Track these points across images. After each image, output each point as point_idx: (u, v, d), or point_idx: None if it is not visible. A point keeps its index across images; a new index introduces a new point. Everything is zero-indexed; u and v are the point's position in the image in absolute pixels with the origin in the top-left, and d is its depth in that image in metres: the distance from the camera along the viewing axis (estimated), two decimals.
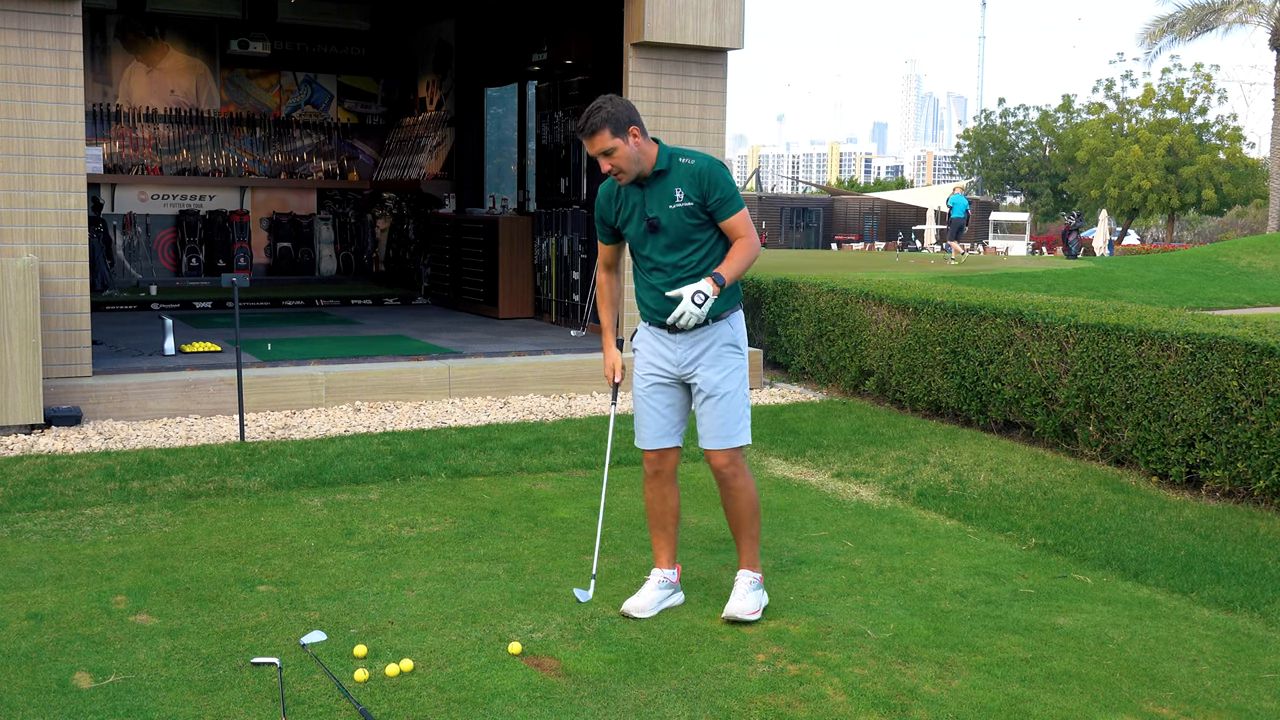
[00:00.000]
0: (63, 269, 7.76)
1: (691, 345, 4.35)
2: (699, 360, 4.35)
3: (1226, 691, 3.89)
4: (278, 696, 3.61)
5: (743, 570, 4.50)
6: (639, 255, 4.41)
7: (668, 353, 4.39)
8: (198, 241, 14.91)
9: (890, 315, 8.96)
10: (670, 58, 9.58)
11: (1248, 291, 19.38)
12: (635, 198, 4.35)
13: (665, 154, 4.30)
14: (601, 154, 4.21)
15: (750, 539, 4.50)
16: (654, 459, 4.48)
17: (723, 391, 4.35)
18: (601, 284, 4.61)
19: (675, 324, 4.19)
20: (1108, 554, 5.38)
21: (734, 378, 4.38)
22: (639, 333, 4.52)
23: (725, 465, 4.40)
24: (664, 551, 4.54)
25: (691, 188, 4.25)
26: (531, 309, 12.22)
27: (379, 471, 6.55)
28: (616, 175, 4.27)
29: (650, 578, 4.51)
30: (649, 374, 4.44)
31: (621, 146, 4.20)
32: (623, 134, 4.20)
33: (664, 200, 4.27)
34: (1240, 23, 36.94)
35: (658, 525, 4.54)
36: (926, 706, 3.69)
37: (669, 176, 4.28)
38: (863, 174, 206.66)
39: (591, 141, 4.20)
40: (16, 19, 7.55)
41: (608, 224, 4.48)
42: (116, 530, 5.40)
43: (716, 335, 4.35)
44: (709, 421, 4.37)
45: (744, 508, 4.46)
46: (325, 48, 15.67)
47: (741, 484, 4.44)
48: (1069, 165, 51.05)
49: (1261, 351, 6.18)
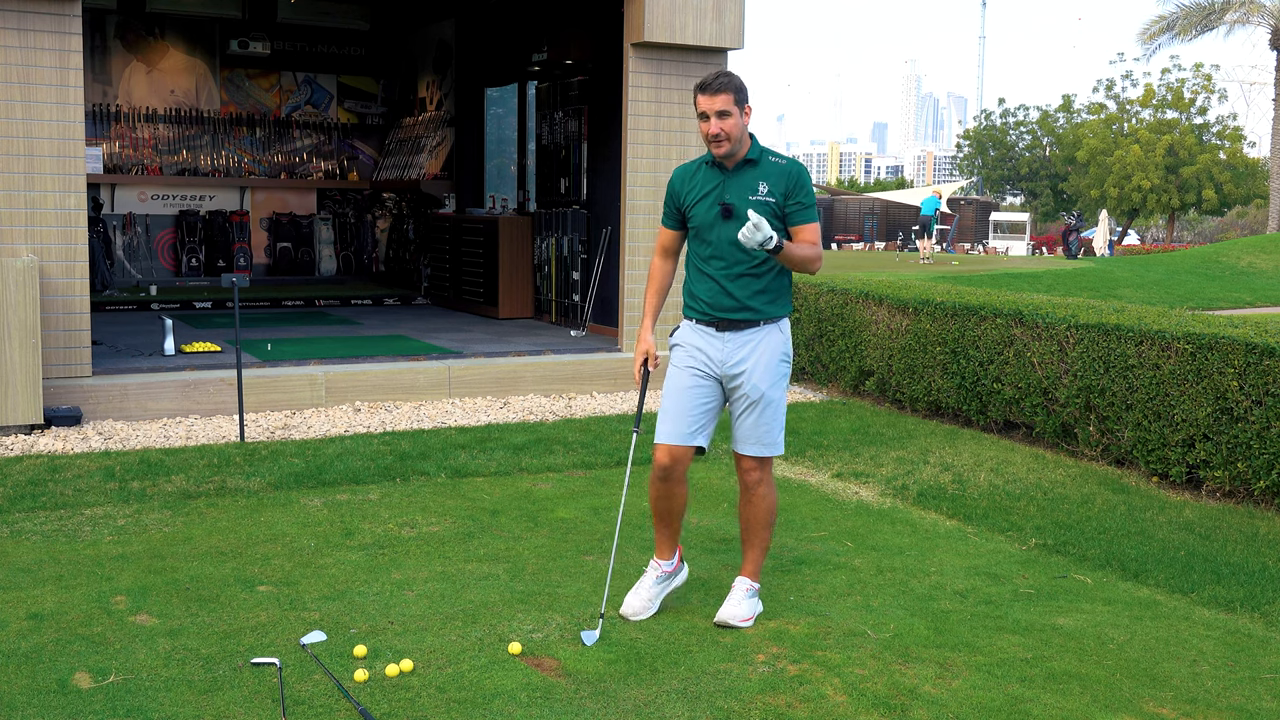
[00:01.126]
0: (63, 269, 7.76)
1: (740, 344, 4.29)
2: (747, 362, 4.28)
3: (1226, 691, 3.89)
4: (278, 696, 3.61)
5: (742, 577, 4.46)
6: (701, 242, 4.33)
7: (713, 350, 4.31)
8: (198, 242, 14.91)
9: (890, 315, 8.96)
10: (670, 58, 9.58)
11: (1248, 291, 19.38)
12: (715, 180, 4.30)
13: (759, 147, 4.31)
14: (717, 114, 4.16)
15: (760, 549, 4.46)
16: (668, 458, 4.31)
17: (771, 399, 4.30)
18: (655, 269, 4.53)
19: (743, 233, 4.01)
20: (1108, 554, 5.38)
21: (780, 386, 4.35)
22: (681, 330, 4.42)
23: (754, 470, 4.38)
24: (666, 543, 4.48)
25: (776, 185, 4.24)
26: (531, 309, 12.22)
27: (379, 471, 6.55)
28: (717, 144, 4.20)
29: (648, 571, 4.48)
30: (689, 367, 4.33)
31: (736, 115, 4.19)
32: (741, 105, 4.20)
33: (746, 190, 4.24)
34: (1240, 23, 36.95)
35: (662, 520, 4.46)
36: (926, 706, 3.69)
37: (757, 168, 4.26)
38: (863, 174, 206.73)
39: (714, 99, 4.16)
40: (16, 19, 7.55)
41: (676, 205, 4.41)
42: (116, 530, 5.40)
43: (768, 340, 4.30)
44: (751, 427, 4.32)
45: (763, 516, 4.44)
46: (325, 48, 15.67)
47: (765, 492, 4.42)
48: (1069, 165, 51.05)
49: (1261, 351, 6.18)
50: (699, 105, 4.23)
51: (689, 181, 4.38)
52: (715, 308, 4.29)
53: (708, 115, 4.20)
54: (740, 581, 4.44)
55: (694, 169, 4.40)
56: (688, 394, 4.32)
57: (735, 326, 4.29)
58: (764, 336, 4.31)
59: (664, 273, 4.53)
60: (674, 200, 4.42)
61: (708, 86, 4.19)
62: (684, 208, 4.39)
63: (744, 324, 4.29)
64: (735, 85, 4.20)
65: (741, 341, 4.29)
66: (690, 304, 4.39)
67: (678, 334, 4.43)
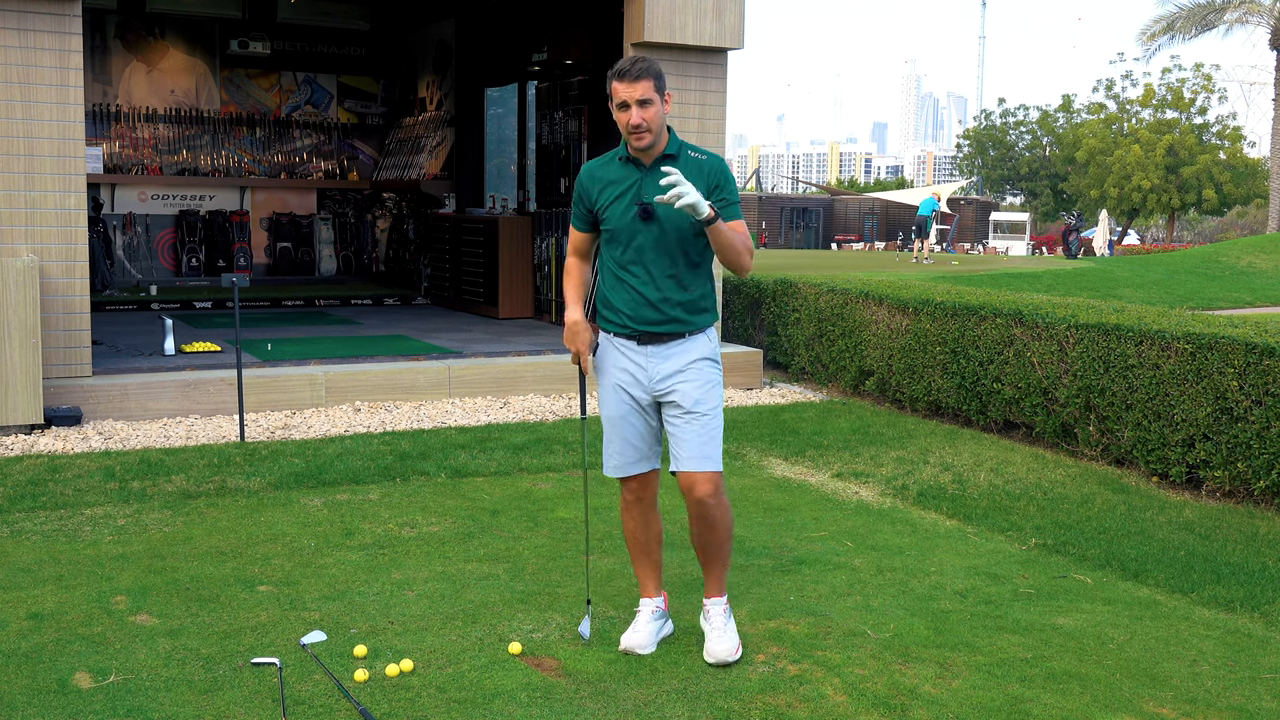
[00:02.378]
0: (63, 269, 7.76)
1: (664, 358, 3.93)
2: (675, 374, 3.93)
3: (1226, 691, 3.89)
4: (278, 696, 3.61)
5: (713, 599, 4.08)
6: (617, 245, 3.95)
7: (636, 370, 3.96)
8: (198, 241, 14.91)
9: (890, 315, 8.96)
10: (670, 58, 9.58)
11: (1248, 291, 19.38)
12: (632, 178, 3.92)
13: (677, 141, 3.96)
14: (638, 103, 3.80)
15: (724, 564, 4.10)
16: (635, 486, 4.05)
17: (704, 408, 3.91)
18: (571, 268, 4.13)
19: (668, 191, 3.68)
20: (1108, 554, 5.38)
21: (714, 394, 3.96)
22: (601, 348, 4.04)
23: (709, 494, 3.91)
24: (650, 579, 4.17)
25: (698, 181, 3.86)
26: (531, 309, 12.22)
27: (379, 471, 6.55)
28: (638, 135, 3.83)
29: (641, 610, 4.15)
30: (618, 399, 3.99)
31: (658, 103, 3.83)
32: (661, 93, 3.85)
33: (664, 188, 3.78)
34: (1240, 23, 36.97)
35: (642, 553, 4.15)
36: (926, 706, 3.69)
37: (676, 164, 3.87)
38: (863, 174, 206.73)
39: (634, 86, 3.79)
40: (16, 19, 7.55)
41: (587, 205, 4.01)
42: (116, 530, 5.40)
43: (694, 348, 3.96)
44: (689, 441, 3.90)
45: (723, 537, 4.03)
46: (325, 48, 15.67)
47: (721, 514, 3.98)
48: (1069, 165, 51.05)
49: (1261, 351, 6.18)
50: (617, 94, 3.83)
51: (600, 181, 3.98)
52: (636, 320, 3.93)
53: (628, 104, 3.81)
54: (714, 605, 4.07)
55: (604, 164, 4.01)
56: (623, 424, 4.00)
57: (658, 340, 3.93)
58: (690, 346, 3.96)
59: (581, 269, 4.15)
60: (584, 200, 4.02)
61: (626, 73, 3.81)
62: (596, 209, 3.99)
63: (668, 336, 3.93)
64: (655, 71, 3.84)
65: (666, 355, 3.93)
66: (607, 315, 4.01)
67: (599, 354, 4.05)
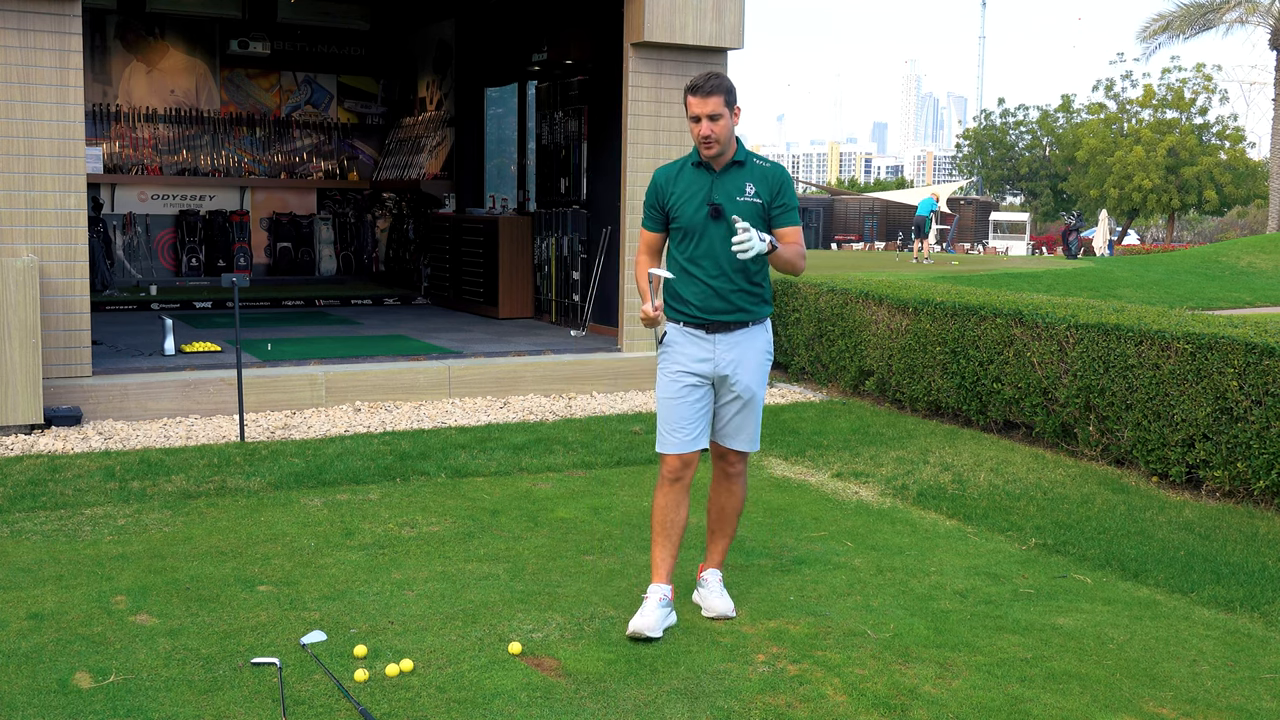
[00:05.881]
0: (63, 269, 7.76)
1: (731, 345, 4.32)
2: (739, 361, 4.33)
3: (1226, 691, 3.89)
4: (278, 696, 3.61)
5: (712, 569, 4.57)
6: (688, 242, 4.31)
7: (703, 353, 4.32)
8: (198, 241, 14.91)
9: (890, 315, 8.96)
10: (670, 58, 9.58)
11: (1248, 291, 19.38)
12: (702, 182, 4.31)
13: (744, 150, 4.34)
14: (708, 117, 4.19)
15: (729, 539, 4.61)
16: (679, 464, 4.34)
17: (759, 397, 4.42)
18: (641, 264, 4.45)
19: (738, 244, 4.06)
20: (1108, 554, 5.38)
21: (764, 383, 4.46)
22: (670, 334, 4.39)
23: (739, 463, 4.51)
24: (664, 565, 4.37)
25: (763, 187, 4.28)
26: (531, 309, 12.22)
27: (379, 471, 6.55)
28: (708, 146, 4.22)
29: (650, 595, 4.30)
30: (681, 372, 4.33)
31: (727, 117, 4.21)
32: (731, 107, 4.23)
33: (733, 191, 4.27)
34: (1240, 22, 36.96)
35: (665, 535, 4.37)
36: (926, 706, 3.69)
37: (744, 170, 4.30)
38: (863, 174, 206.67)
39: (706, 101, 4.17)
40: (16, 19, 7.55)
41: (661, 206, 4.38)
42: (116, 530, 5.40)
43: (757, 340, 4.38)
44: (740, 424, 4.42)
45: (738, 505, 4.57)
46: (325, 48, 15.67)
47: (742, 484, 4.56)
48: (1069, 165, 51.05)
49: (1261, 351, 6.18)
50: (690, 108, 4.23)
51: (674, 182, 4.36)
52: (705, 310, 4.31)
53: (699, 118, 4.21)
54: (712, 574, 4.55)
55: (678, 169, 4.39)
56: (684, 404, 4.34)
57: (726, 328, 4.32)
58: (753, 337, 4.37)
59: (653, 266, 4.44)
60: (659, 201, 4.40)
61: (699, 89, 4.20)
62: (669, 208, 4.36)
63: (735, 325, 4.32)
64: (726, 87, 4.21)
65: (732, 343, 4.33)
66: (676, 306, 4.37)
67: (667, 339, 4.41)
